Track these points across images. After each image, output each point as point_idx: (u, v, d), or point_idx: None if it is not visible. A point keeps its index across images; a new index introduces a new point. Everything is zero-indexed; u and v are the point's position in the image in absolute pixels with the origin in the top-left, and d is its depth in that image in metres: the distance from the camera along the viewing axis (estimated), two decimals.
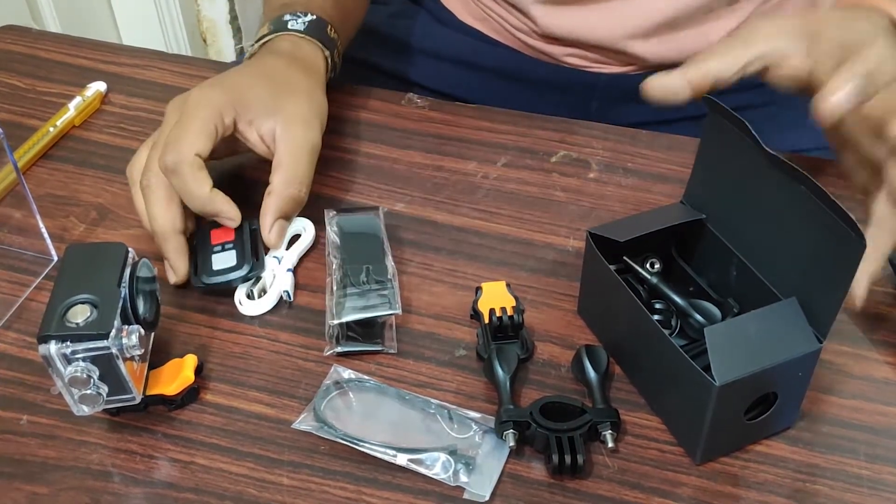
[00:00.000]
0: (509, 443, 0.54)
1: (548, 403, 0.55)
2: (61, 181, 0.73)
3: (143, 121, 0.79)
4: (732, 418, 0.53)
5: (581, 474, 0.54)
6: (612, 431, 0.55)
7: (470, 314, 0.62)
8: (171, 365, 0.58)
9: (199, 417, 0.57)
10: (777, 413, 0.54)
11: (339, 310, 0.60)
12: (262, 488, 0.54)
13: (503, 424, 0.54)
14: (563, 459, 0.53)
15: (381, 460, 0.54)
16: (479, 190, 0.73)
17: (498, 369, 0.57)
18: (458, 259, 0.67)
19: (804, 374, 0.54)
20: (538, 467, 0.55)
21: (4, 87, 0.82)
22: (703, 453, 0.54)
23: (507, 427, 0.54)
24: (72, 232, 0.69)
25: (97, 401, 0.53)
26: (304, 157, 0.65)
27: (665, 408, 0.56)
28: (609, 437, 0.54)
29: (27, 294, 0.64)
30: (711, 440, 0.54)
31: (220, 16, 1.82)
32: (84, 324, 0.51)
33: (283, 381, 0.59)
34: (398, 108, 0.80)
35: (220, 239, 0.65)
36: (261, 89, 0.66)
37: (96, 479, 0.54)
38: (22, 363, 0.60)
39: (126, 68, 0.84)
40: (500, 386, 0.56)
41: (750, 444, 0.56)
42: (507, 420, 0.54)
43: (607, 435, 0.54)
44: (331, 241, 0.65)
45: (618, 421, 0.55)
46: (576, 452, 0.53)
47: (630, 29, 0.83)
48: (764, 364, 0.51)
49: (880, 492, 0.54)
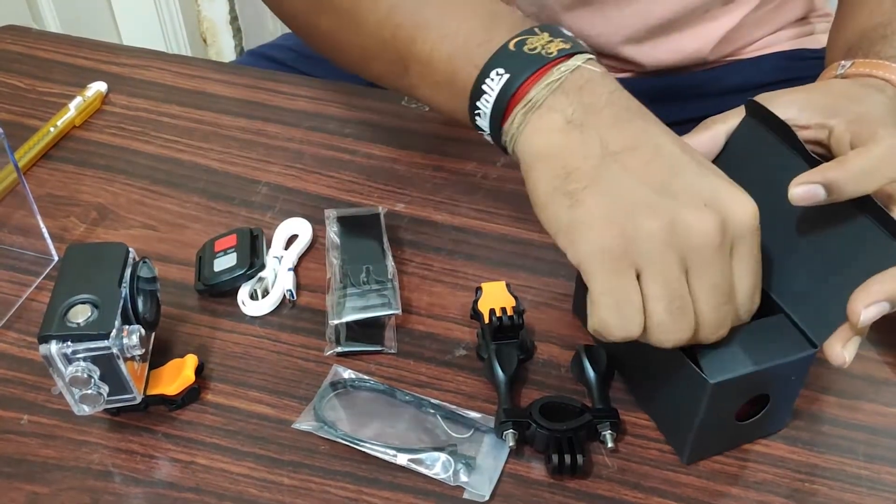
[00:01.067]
0: (509, 443, 0.54)
1: (547, 403, 0.55)
2: (62, 181, 0.73)
3: (144, 121, 0.79)
4: (723, 418, 0.53)
5: (580, 474, 0.54)
6: (612, 431, 0.55)
7: (470, 314, 0.62)
8: (171, 365, 0.58)
9: (200, 417, 0.57)
10: (769, 416, 0.54)
11: (340, 310, 0.60)
12: (263, 488, 0.54)
13: (503, 424, 0.54)
14: (562, 459, 0.53)
15: (381, 460, 0.55)
16: (479, 190, 0.73)
17: (497, 370, 0.57)
18: (457, 259, 0.67)
19: (797, 378, 0.54)
20: (538, 467, 0.55)
21: (5, 88, 0.82)
22: (691, 453, 0.54)
23: (507, 427, 0.54)
24: (72, 232, 0.69)
25: (98, 401, 0.53)
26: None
27: (656, 406, 0.57)
28: (609, 436, 0.54)
29: (28, 294, 0.65)
30: (700, 440, 0.54)
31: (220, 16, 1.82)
32: (85, 324, 0.51)
33: (283, 381, 0.59)
34: (398, 108, 0.80)
35: (223, 246, 0.65)
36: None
37: (97, 479, 0.54)
38: (22, 363, 0.60)
39: (126, 68, 0.84)
40: (500, 386, 0.56)
41: (739, 446, 0.56)
42: (507, 420, 0.54)
43: (607, 435, 0.54)
44: (331, 242, 0.66)
45: (617, 421, 0.55)
46: (575, 452, 0.53)
47: (626, 34, 0.83)
48: (757, 365, 0.51)
49: (879, 492, 0.54)
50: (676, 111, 0.89)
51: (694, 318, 0.49)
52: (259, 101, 0.81)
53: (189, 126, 0.78)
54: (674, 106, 0.89)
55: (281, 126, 0.78)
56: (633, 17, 0.82)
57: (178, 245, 0.68)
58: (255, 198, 0.71)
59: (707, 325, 0.49)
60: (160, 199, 0.72)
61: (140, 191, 0.72)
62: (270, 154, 0.76)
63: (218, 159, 0.75)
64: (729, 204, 0.48)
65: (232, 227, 0.68)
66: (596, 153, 0.48)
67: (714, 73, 0.87)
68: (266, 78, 0.84)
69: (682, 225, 0.47)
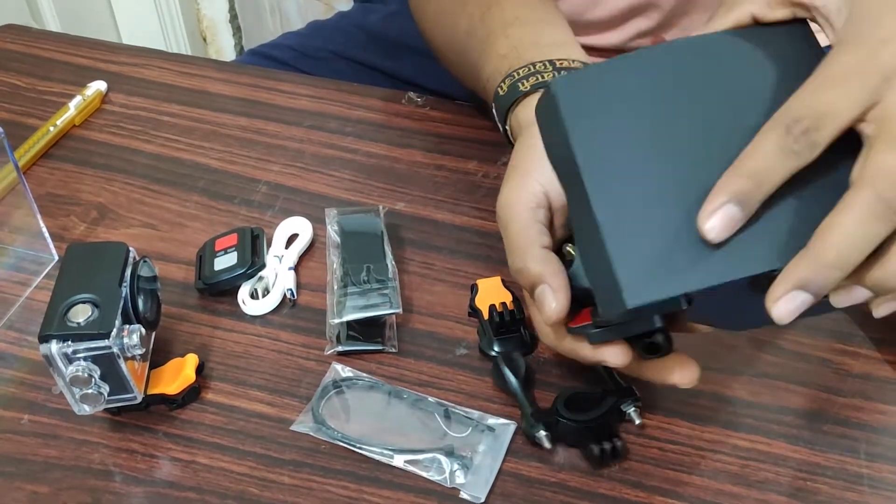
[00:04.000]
0: (545, 445, 0.54)
1: (570, 397, 0.55)
2: (62, 180, 0.73)
3: (144, 120, 0.79)
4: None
5: (622, 458, 0.54)
6: (636, 408, 0.55)
7: (468, 312, 0.62)
8: (172, 364, 0.58)
9: (201, 417, 0.57)
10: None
11: (340, 309, 0.60)
12: (264, 487, 0.54)
13: (533, 428, 0.54)
14: (603, 448, 0.53)
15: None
16: (480, 189, 0.73)
17: (510, 377, 0.57)
18: (458, 258, 0.67)
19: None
20: (540, 466, 0.55)
21: (4, 87, 0.82)
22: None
23: (539, 429, 0.54)
24: (72, 231, 0.69)
25: (98, 400, 0.53)
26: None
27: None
28: (634, 413, 0.55)
29: (28, 293, 0.65)
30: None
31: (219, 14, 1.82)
32: (85, 323, 0.51)
33: (284, 380, 0.59)
34: (398, 108, 0.80)
35: (224, 245, 0.65)
36: None
37: (97, 479, 0.54)
38: (23, 362, 0.60)
39: (126, 67, 0.84)
40: (517, 393, 0.56)
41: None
42: (537, 423, 0.54)
43: (632, 413, 0.55)
44: (331, 241, 0.65)
45: (638, 397, 0.55)
46: (613, 437, 0.53)
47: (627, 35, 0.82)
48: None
49: (880, 490, 0.54)
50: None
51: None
52: (259, 99, 0.81)
53: (189, 125, 0.78)
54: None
55: (281, 125, 0.78)
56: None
57: (179, 244, 0.68)
58: (256, 197, 0.71)
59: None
60: (160, 199, 0.71)
61: (140, 190, 0.72)
62: (271, 153, 0.75)
63: (218, 158, 0.75)
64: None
65: (232, 226, 0.68)
66: None
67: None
68: (266, 77, 0.84)
69: None
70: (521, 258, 0.51)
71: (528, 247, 0.51)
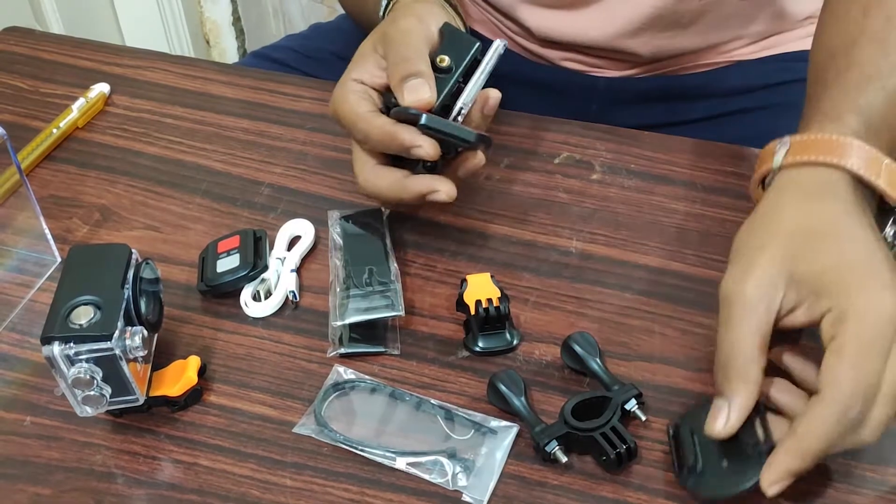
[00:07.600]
0: (562, 460, 0.54)
1: (575, 405, 0.55)
2: (64, 182, 0.73)
3: (147, 122, 0.79)
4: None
5: (636, 459, 0.54)
6: (640, 404, 0.56)
7: (455, 307, 0.62)
8: (174, 366, 0.58)
9: (203, 419, 0.57)
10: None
11: (343, 311, 0.60)
12: (266, 489, 0.54)
13: (548, 444, 0.54)
14: (619, 452, 0.53)
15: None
16: (483, 191, 0.72)
17: (511, 397, 0.56)
18: (461, 260, 0.67)
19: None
20: (542, 468, 0.55)
21: (8, 89, 0.82)
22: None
23: (553, 446, 0.54)
24: (75, 233, 0.69)
25: (100, 402, 0.53)
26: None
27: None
28: (639, 410, 0.56)
29: (30, 295, 0.65)
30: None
31: (222, 17, 1.82)
32: (87, 325, 0.51)
33: (286, 382, 0.59)
34: None
35: (226, 247, 0.65)
36: None
37: (100, 481, 0.54)
38: (25, 364, 0.60)
39: (129, 70, 0.84)
40: (520, 411, 0.56)
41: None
42: (550, 440, 0.54)
43: (636, 410, 0.55)
44: (334, 243, 0.65)
45: (640, 393, 0.56)
46: (626, 439, 0.54)
47: (621, 26, 0.82)
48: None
49: (886, 494, 0.54)
50: (678, 111, 0.89)
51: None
52: (262, 102, 0.81)
53: (192, 127, 0.78)
54: (675, 105, 0.89)
55: (284, 127, 0.78)
56: (628, 10, 0.81)
57: (181, 246, 0.68)
58: (258, 199, 0.71)
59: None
60: (163, 201, 0.71)
61: (143, 192, 0.72)
62: (273, 155, 0.75)
63: (221, 160, 0.75)
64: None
65: (235, 228, 0.68)
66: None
67: (716, 74, 0.87)
68: (269, 79, 0.84)
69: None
70: (411, 60, 0.61)
71: (419, 51, 0.62)
